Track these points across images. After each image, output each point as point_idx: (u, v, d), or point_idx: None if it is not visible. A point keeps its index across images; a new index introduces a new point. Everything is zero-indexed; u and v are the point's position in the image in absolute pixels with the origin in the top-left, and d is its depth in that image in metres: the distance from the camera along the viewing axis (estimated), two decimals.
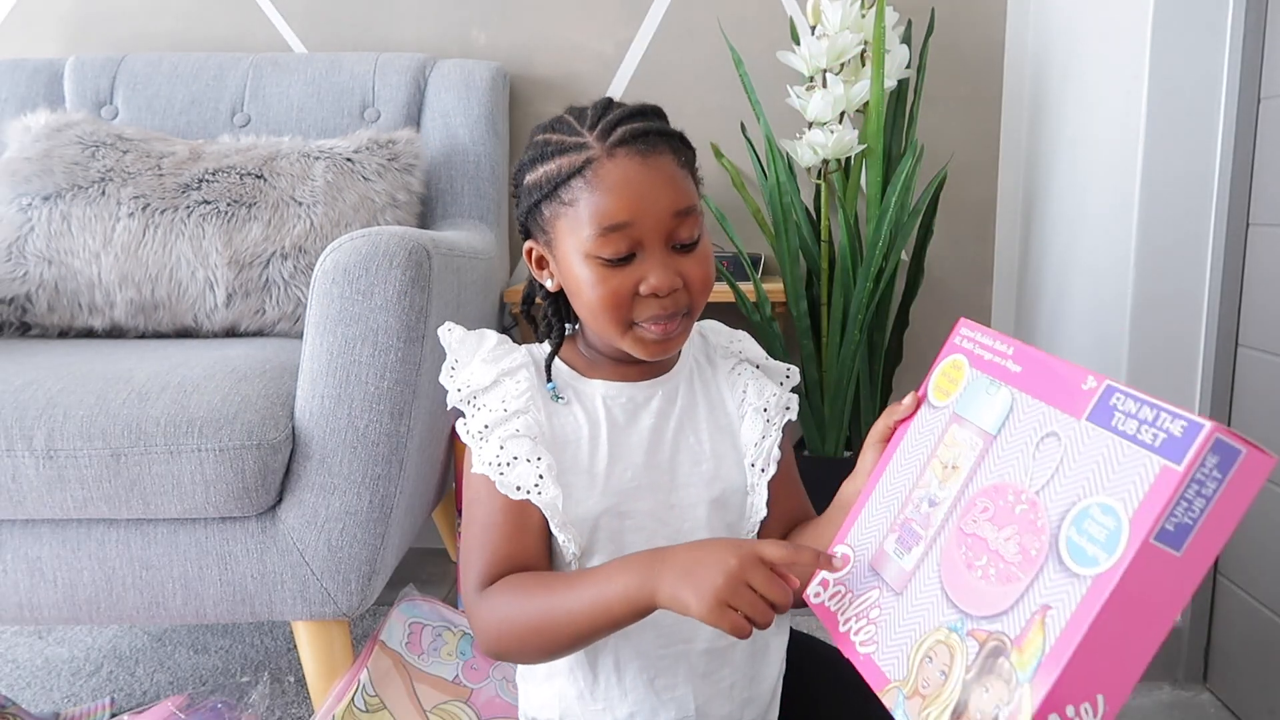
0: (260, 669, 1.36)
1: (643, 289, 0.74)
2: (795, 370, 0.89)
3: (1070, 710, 0.52)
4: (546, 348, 0.84)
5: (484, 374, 0.79)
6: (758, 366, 0.87)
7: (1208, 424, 0.51)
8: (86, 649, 1.41)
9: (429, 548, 1.80)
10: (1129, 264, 1.26)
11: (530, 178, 0.78)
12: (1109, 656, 0.52)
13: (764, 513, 0.81)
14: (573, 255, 0.76)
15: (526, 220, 0.81)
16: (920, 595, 0.62)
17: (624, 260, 0.74)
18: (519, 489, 0.75)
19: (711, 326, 0.90)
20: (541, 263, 0.81)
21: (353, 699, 1.07)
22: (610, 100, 0.79)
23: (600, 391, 0.81)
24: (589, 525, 0.77)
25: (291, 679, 1.32)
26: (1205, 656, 1.29)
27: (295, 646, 1.24)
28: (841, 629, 0.67)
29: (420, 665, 1.14)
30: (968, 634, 0.57)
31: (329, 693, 1.10)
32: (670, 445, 0.80)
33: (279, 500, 1.05)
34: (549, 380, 0.81)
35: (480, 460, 0.76)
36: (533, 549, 0.77)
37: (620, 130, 0.74)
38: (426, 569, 1.71)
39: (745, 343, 0.88)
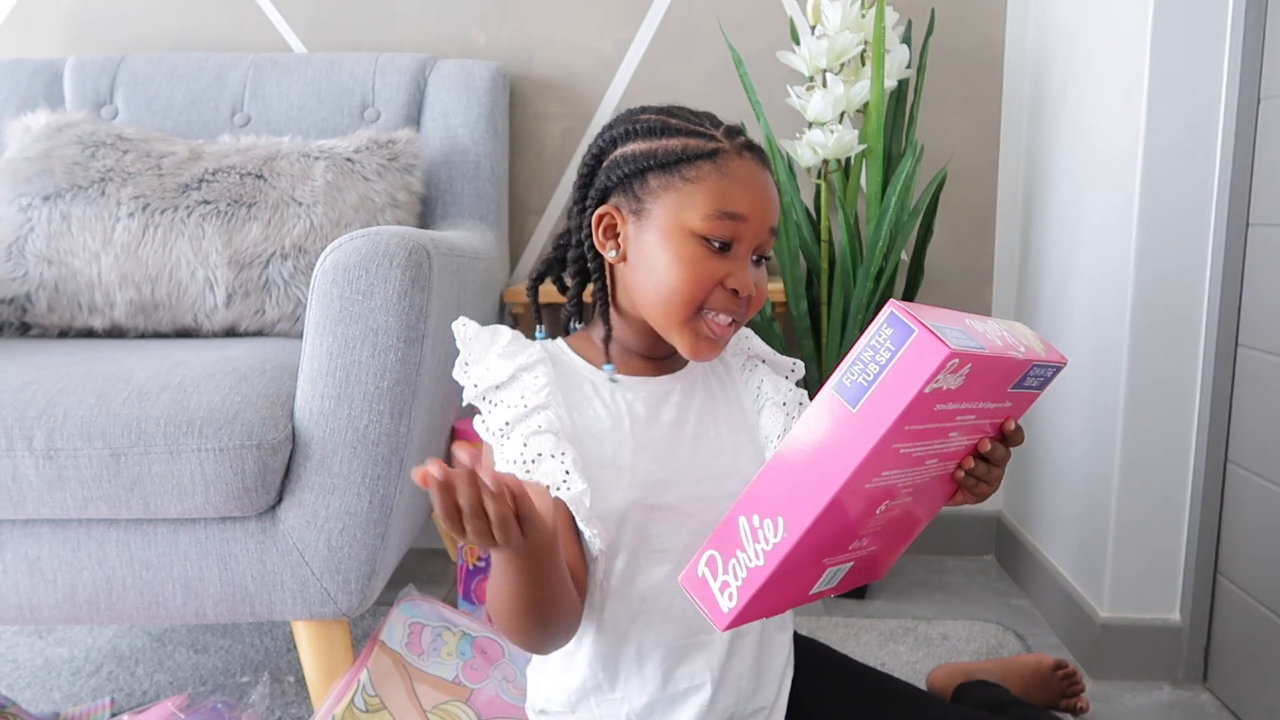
0: (260, 669, 1.36)
1: (729, 283, 0.77)
2: (800, 364, 0.91)
3: (756, 520, 0.62)
4: (560, 343, 0.85)
5: (501, 369, 0.79)
6: (764, 361, 0.90)
7: (890, 301, 0.59)
8: (86, 649, 1.41)
9: (429, 548, 1.80)
10: (1129, 264, 1.26)
11: (637, 147, 0.79)
12: (789, 486, 0.61)
13: None
14: (672, 228, 0.77)
15: (615, 186, 0.80)
16: None
17: (722, 249, 0.77)
18: (547, 486, 0.75)
19: None
20: (610, 230, 0.81)
21: (353, 699, 1.07)
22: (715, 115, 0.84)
23: (621, 384, 0.82)
24: (617, 518, 0.77)
25: (291, 679, 1.32)
26: (1205, 656, 1.29)
27: (295, 646, 1.24)
28: None
29: (420, 665, 1.14)
30: None
31: (329, 693, 1.10)
32: (692, 439, 0.81)
33: (279, 500, 1.05)
34: (608, 360, 0.82)
35: (504, 458, 0.76)
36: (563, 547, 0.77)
37: (742, 139, 0.80)
38: (426, 569, 1.71)
39: (752, 340, 0.91)
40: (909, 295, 1.65)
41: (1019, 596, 1.61)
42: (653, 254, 0.78)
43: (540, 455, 0.75)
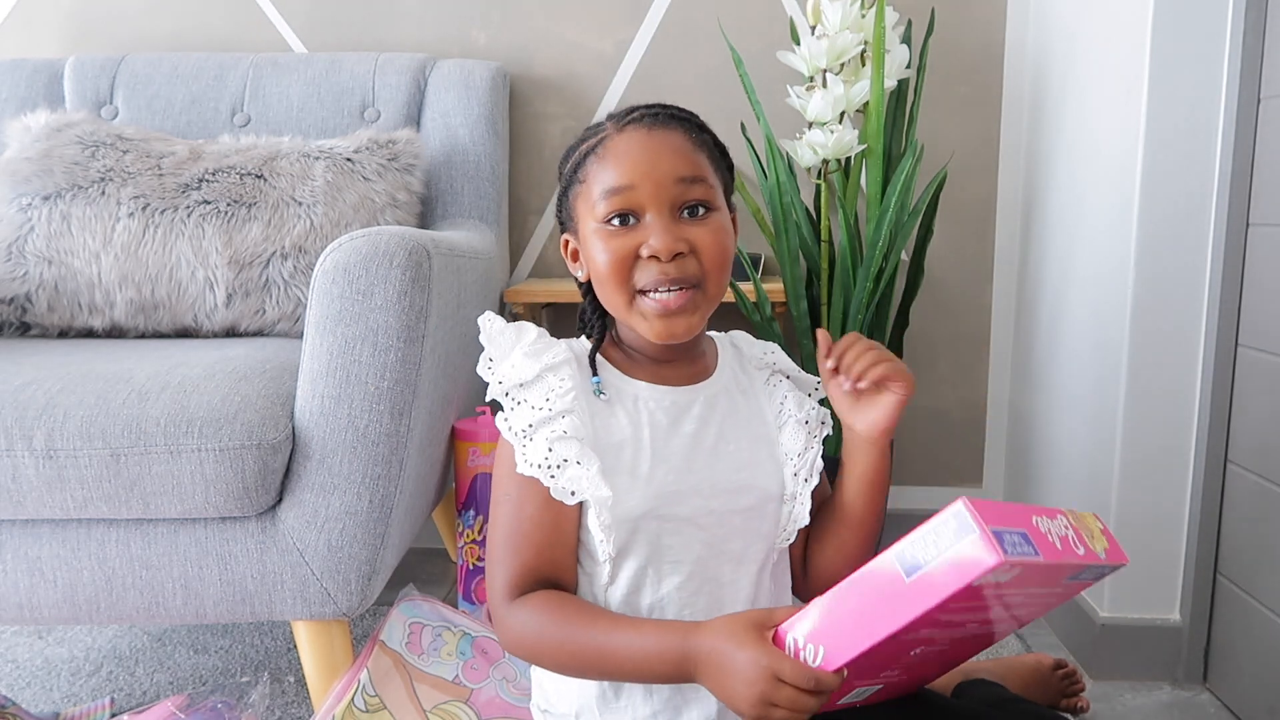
0: (260, 669, 1.36)
1: (643, 251, 0.76)
2: (820, 385, 0.90)
3: (801, 641, 0.67)
4: (586, 343, 0.84)
5: (526, 368, 0.78)
6: (788, 377, 0.89)
7: (962, 497, 0.63)
8: (86, 649, 1.41)
9: (429, 548, 1.80)
10: (1129, 264, 1.26)
11: (563, 170, 0.83)
12: (836, 624, 0.66)
13: (806, 521, 0.83)
14: (588, 231, 0.79)
15: (560, 213, 0.84)
16: None
17: (628, 225, 0.77)
18: (573, 494, 0.76)
19: (743, 337, 0.92)
20: (576, 255, 0.84)
21: (353, 699, 1.07)
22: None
23: (643, 393, 0.81)
24: (629, 527, 0.77)
25: (291, 679, 1.32)
26: (1205, 656, 1.29)
27: (295, 646, 1.24)
28: None
29: (420, 665, 1.14)
30: None
31: (329, 693, 1.10)
32: (710, 452, 0.81)
33: (279, 500, 1.05)
34: (594, 375, 0.81)
35: (526, 460, 0.76)
36: (562, 559, 0.78)
37: (634, 113, 0.80)
38: (426, 569, 1.71)
39: (777, 355, 0.90)
40: (909, 295, 1.65)
41: None
42: (588, 261, 0.80)
43: (565, 461, 0.75)
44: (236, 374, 1.06)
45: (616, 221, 0.77)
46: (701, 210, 0.78)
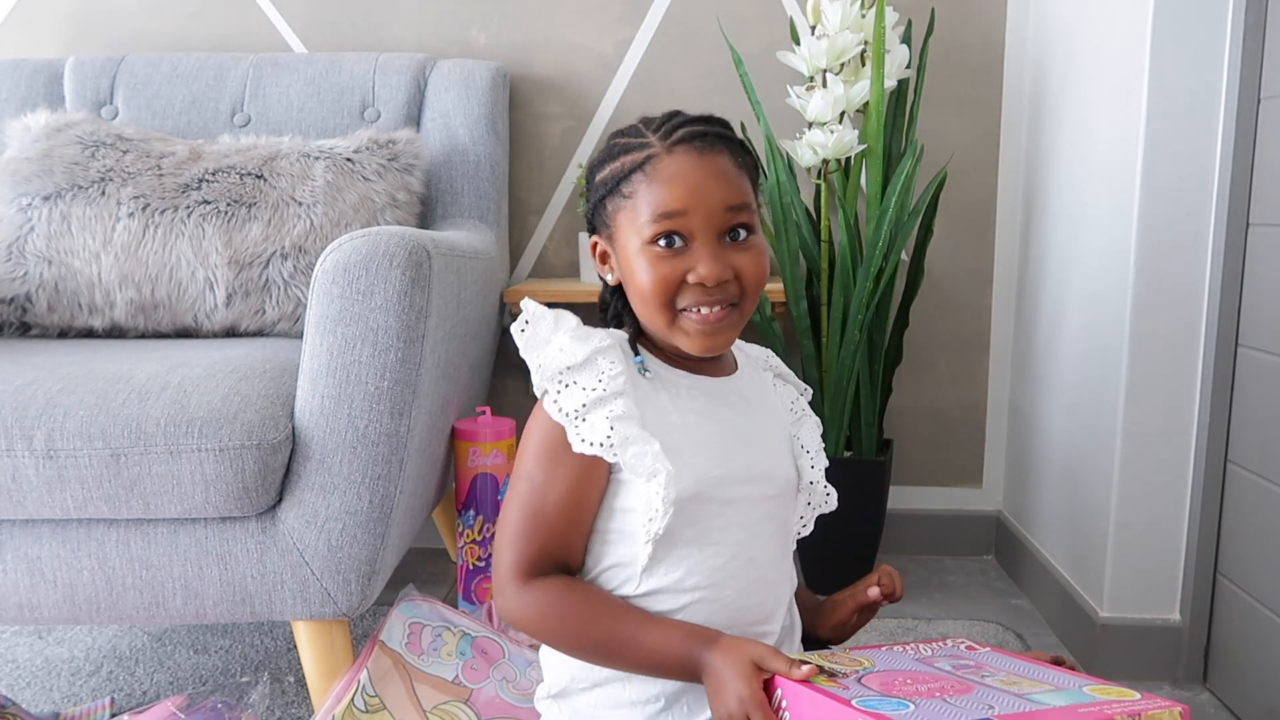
0: (260, 669, 1.36)
1: (691, 278, 0.78)
2: (809, 390, 0.95)
3: (785, 705, 0.69)
4: (620, 332, 0.86)
5: (575, 351, 0.80)
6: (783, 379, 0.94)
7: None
8: (86, 649, 1.41)
9: (429, 548, 1.80)
10: (1129, 264, 1.26)
11: (599, 176, 0.82)
12: None
13: (831, 507, 0.90)
14: (630, 246, 0.80)
15: (593, 217, 0.84)
16: None
17: (676, 248, 0.78)
18: (641, 470, 0.77)
19: (740, 342, 0.94)
20: (605, 258, 0.85)
21: (353, 699, 1.07)
22: (679, 111, 0.83)
23: (684, 381, 0.84)
24: (677, 508, 0.80)
25: (291, 679, 1.32)
26: (1205, 656, 1.29)
27: (295, 646, 1.24)
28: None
29: (420, 665, 1.14)
30: None
31: (329, 693, 1.10)
32: (743, 440, 0.84)
33: (279, 500, 1.05)
34: (636, 355, 0.83)
35: (582, 439, 0.77)
36: (576, 543, 0.81)
37: (681, 131, 0.79)
38: (426, 569, 1.71)
39: (773, 359, 0.95)
40: (909, 295, 1.65)
41: (1018, 596, 1.61)
42: (626, 272, 0.82)
43: (628, 439, 0.77)
44: (236, 374, 1.06)
45: (664, 244, 0.78)
46: (743, 234, 0.80)
